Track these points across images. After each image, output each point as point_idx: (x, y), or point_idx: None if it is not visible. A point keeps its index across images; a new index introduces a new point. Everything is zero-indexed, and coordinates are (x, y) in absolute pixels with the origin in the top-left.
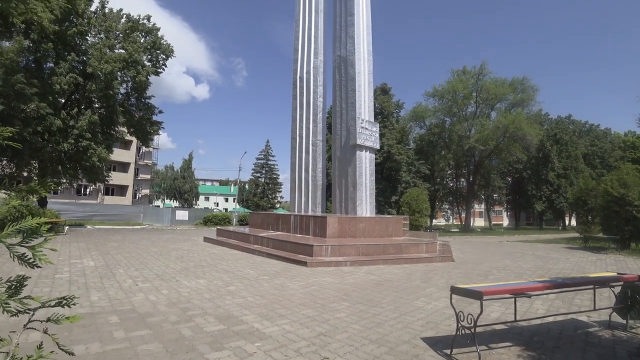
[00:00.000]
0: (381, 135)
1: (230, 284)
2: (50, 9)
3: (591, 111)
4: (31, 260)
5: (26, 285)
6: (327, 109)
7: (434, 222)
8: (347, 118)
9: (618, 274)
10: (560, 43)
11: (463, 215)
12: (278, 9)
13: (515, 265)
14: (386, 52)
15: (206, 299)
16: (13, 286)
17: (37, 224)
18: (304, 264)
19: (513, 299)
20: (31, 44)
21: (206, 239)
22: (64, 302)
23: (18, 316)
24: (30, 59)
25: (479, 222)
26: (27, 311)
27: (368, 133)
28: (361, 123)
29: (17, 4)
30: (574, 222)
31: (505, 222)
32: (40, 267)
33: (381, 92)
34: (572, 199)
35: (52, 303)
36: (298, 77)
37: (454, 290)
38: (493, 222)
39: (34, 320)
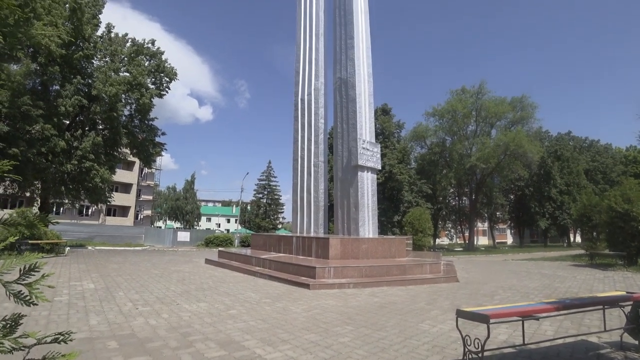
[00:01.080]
0: (382, 155)
1: (232, 308)
2: (58, 34)
3: (590, 127)
4: (27, 298)
5: (22, 324)
6: (329, 130)
7: (437, 241)
8: (349, 139)
9: (627, 292)
10: (557, 59)
11: (466, 234)
12: (280, 33)
13: (521, 285)
14: (386, 72)
15: (207, 323)
16: (8, 325)
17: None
18: (306, 286)
19: (521, 322)
20: (38, 67)
21: (208, 261)
22: (61, 338)
23: (13, 353)
24: (37, 81)
25: (482, 240)
26: (23, 348)
27: (369, 154)
28: (362, 144)
29: (25, 30)
30: (578, 239)
31: (509, 240)
32: (37, 304)
33: (382, 113)
34: (576, 216)
35: (49, 339)
36: (299, 99)
37: (460, 314)
38: (497, 240)
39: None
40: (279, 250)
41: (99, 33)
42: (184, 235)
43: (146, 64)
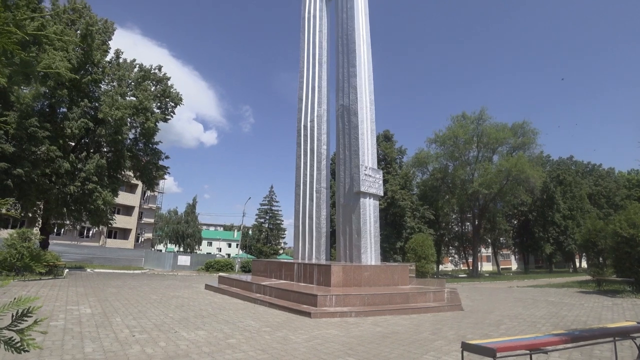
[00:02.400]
0: (384, 182)
1: (231, 337)
2: (68, 59)
3: (591, 151)
4: (19, 345)
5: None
6: (331, 156)
7: (441, 267)
8: (351, 165)
9: (638, 323)
10: (556, 83)
11: (470, 260)
12: (284, 60)
13: (527, 314)
14: (388, 98)
15: (205, 352)
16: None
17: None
18: (307, 314)
19: (529, 355)
20: (47, 90)
21: (207, 287)
22: None
23: None
24: (45, 103)
25: (486, 266)
26: None
27: (371, 180)
28: (364, 170)
29: (37, 55)
30: (584, 264)
31: (514, 265)
32: (28, 351)
33: (384, 139)
34: (581, 241)
35: None
36: (302, 126)
37: (466, 347)
38: (501, 266)
39: None
40: (280, 277)
41: (107, 58)
42: (184, 259)
43: (152, 89)
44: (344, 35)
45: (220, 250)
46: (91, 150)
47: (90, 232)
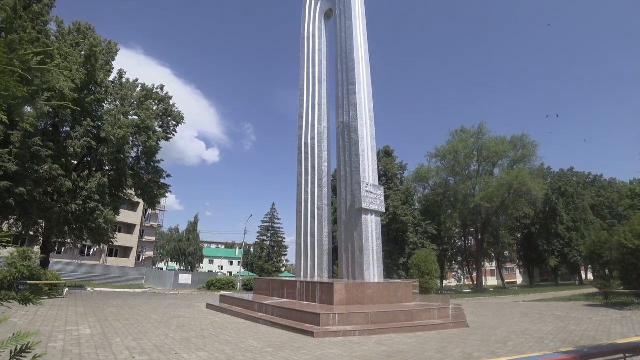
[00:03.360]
0: (386, 197)
1: (233, 358)
2: (71, 79)
3: (591, 162)
4: None
5: None
6: (332, 173)
7: (445, 283)
8: (352, 182)
9: None
10: (552, 95)
11: (474, 275)
12: (285, 78)
13: (535, 329)
14: (387, 113)
15: None
16: None
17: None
18: (310, 334)
19: None
20: (51, 110)
21: (209, 306)
22: None
23: None
24: (49, 122)
25: (491, 281)
26: None
27: (373, 197)
28: (366, 187)
29: (42, 75)
30: (590, 276)
31: (519, 279)
32: None
33: (384, 155)
34: (586, 253)
35: None
36: (303, 143)
37: None
38: (506, 281)
39: None
40: (282, 295)
41: (111, 78)
42: (185, 278)
43: (154, 108)
44: (343, 53)
45: (221, 268)
46: (93, 169)
47: (91, 250)
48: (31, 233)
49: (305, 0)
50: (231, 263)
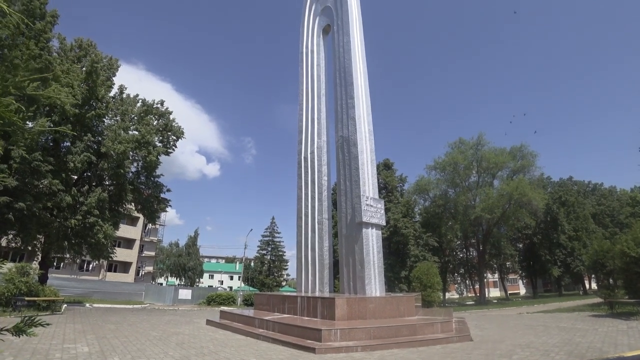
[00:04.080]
0: (386, 210)
1: None
2: (73, 94)
3: (591, 170)
4: None
5: None
6: (332, 186)
7: (447, 295)
8: (352, 196)
9: None
10: (548, 105)
11: (477, 287)
12: (284, 92)
13: (540, 342)
14: (386, 126)
15: None
16: None
17: None
18: (312, 350)
19: None
20: (52, 125)
21: (209, 322)
22: None
23: None
24: (49, 137)
25: (494, 292)
26: None
27: (373, 210)
28: (366, 200)
29: (43, 90)
30: (594, 285)
31: (522, 290)
32: None
33: (384, 168)
34: (589, 262)
35: None
36: (303, 157)
37: None
38: (509, 292)
39: None
40: (283, 311)
41: (111, 94)
42: (185, 293)
43: (155, 123)
44: (342, 68)
45: (222, 283)
46: (93, 184)
47: (90, 265)
48: (30, 248)
49: (303, 17)
50: (231, 278)
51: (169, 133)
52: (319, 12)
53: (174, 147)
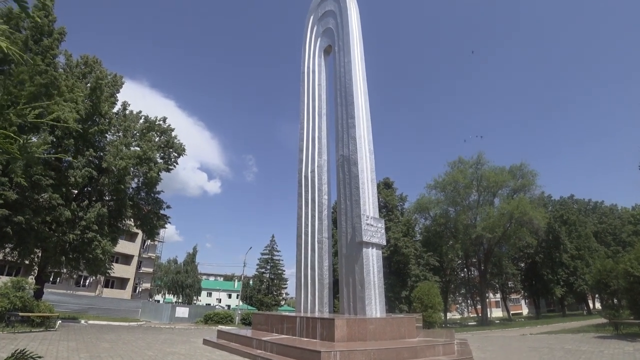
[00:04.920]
0: (387, 229)
1: None
2: (76, 110)
3: (591, 188)
4: None
5: None
6: (332, 205)
7: (449, 315)
8: (352, 215)
9: None
10: (552, 122)
11: (478, 307)
12: (285, 111)
13: None
14: (386, 145)
15: None
16: None
17: None
18: None
19: None
20: (54, 139)
21: (206, 342)
22: None
23: None
24: (51, 152)
25: (496, 312)
26: None
27: (374, 229)
28: (366, 220)
29: (47, 106)
30: (598, 305)
31: (525, 310)
32: None
33: (384, 187)
34: (592, 282)
35: None
36: (303, 176)
37: None
38: (512, 312)
39: None
40: (281, 331)
41: (115, 110)
42: (182, 311)
43: (156, 140)
44: (342, 88)
45: (220, 301)
46: (93, 199)
47: (87, 281)
48: (27, 262)
49: (305, 37)
50: (230, 296)
51: (171, 150)
52: (320, 33)
53: (175, 164)
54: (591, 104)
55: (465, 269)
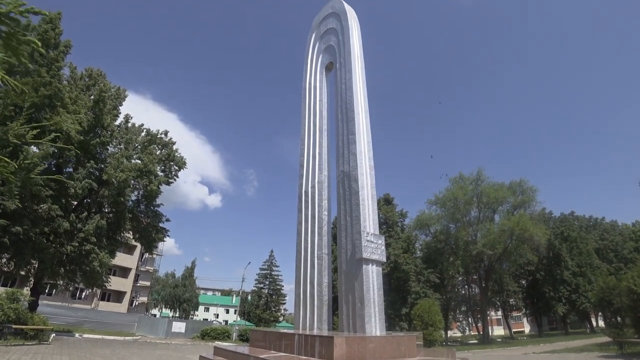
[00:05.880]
0: (387, 245)
1: None
2: (79, 122)
3: (591, 204)
4: None
5: None
6: (332, 221)
7: (449, 333)
8: (352, 231)
9: None
10: (552, 137)
11: (480, 325)
12: (287, 126)
13: None
14: (386, 160)
15: None
16: None
17: None
18: None
19: None
20: (56, 150)
21: (202, 358)
22: None
23: None
24: (52, 162)
25: (497, 330)
26: None
27: (374, 246)
28: (366, 236)
29: (50, 117)
30: (601, 323)
31: (527, 328)
32: None
33: (384, 203)
34: (595, 300)
35: None
36: (303, 191)
37: None
38: (513, 330)
39: None
40: (279, 348)
41: (117, 122)
42: (179, 326)
43: (158, 153)
44: (343, 104)
45: (217, 316)
46: (92, 211)
47: (83, 293)
48: (22, 273)
49: (307, 54)
50: (227, 311)
51: (171, 163)
52: (322, 50)
53: (175, 177)
54: (589, 121)
55: (466, 286)
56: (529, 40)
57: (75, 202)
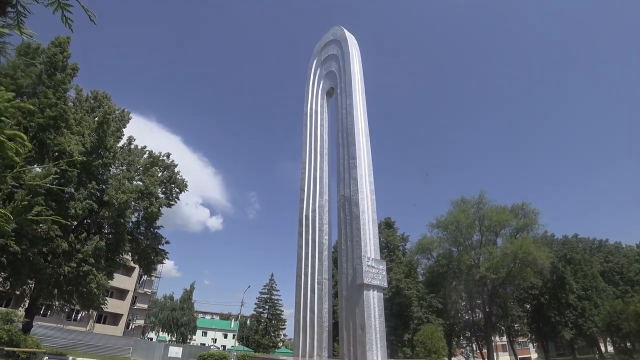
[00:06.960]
0: (388, 270)
1: None
2: (82, 143)
3: (593, 226)
4: None
5: None
6: (333, 245)
7: None
8: (353, 256)
9: None
10: (554, 160)
11: (484, 351)
12: (288, 150)
13: None
14: (387, 185)
15: None
16: None
17: None
18: None
19: None
20: (58, 170)
21: None
22: None
23: None
24: (54, 182)
25: (503, 357)
26: None
27: (375, 271)
28: (367, 261)
29: (54, 137)
30: (610, 348)
31: (533, 355)
32: None
33: (385, 227)
34: (603, 325)
35: None
36: (304, 216)
37: None
38: (519, 356)
39: None
40: None
41: (120, 144)
42: (175, 351)
43: (159, 175)
44: (344, 129)
45: (215, 341)
46: (92, 231)
47: (79, 315)
48: (18, 293)
49: (309, 80)
50: (225, 336)
51: (173, 185)
52: (323, 76)
53: (176, 200)
54: (592, 141)
55: (469, 311)
56: (530, 55)
57: (75, 223)
